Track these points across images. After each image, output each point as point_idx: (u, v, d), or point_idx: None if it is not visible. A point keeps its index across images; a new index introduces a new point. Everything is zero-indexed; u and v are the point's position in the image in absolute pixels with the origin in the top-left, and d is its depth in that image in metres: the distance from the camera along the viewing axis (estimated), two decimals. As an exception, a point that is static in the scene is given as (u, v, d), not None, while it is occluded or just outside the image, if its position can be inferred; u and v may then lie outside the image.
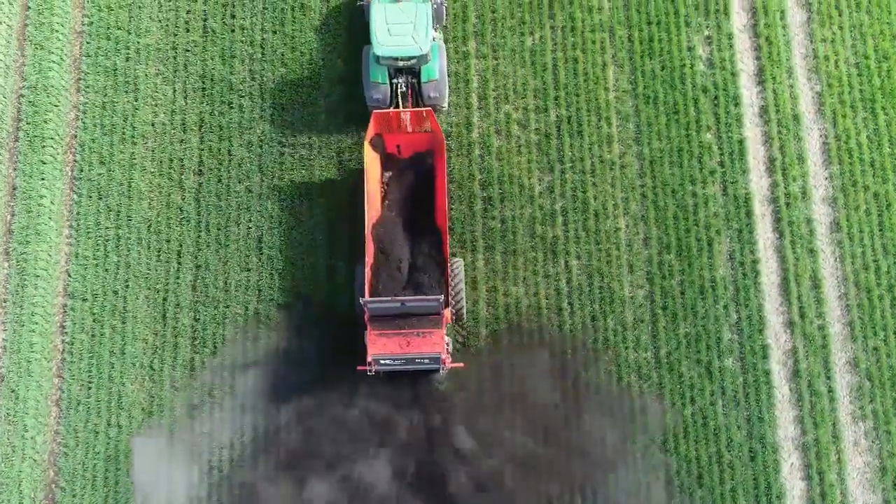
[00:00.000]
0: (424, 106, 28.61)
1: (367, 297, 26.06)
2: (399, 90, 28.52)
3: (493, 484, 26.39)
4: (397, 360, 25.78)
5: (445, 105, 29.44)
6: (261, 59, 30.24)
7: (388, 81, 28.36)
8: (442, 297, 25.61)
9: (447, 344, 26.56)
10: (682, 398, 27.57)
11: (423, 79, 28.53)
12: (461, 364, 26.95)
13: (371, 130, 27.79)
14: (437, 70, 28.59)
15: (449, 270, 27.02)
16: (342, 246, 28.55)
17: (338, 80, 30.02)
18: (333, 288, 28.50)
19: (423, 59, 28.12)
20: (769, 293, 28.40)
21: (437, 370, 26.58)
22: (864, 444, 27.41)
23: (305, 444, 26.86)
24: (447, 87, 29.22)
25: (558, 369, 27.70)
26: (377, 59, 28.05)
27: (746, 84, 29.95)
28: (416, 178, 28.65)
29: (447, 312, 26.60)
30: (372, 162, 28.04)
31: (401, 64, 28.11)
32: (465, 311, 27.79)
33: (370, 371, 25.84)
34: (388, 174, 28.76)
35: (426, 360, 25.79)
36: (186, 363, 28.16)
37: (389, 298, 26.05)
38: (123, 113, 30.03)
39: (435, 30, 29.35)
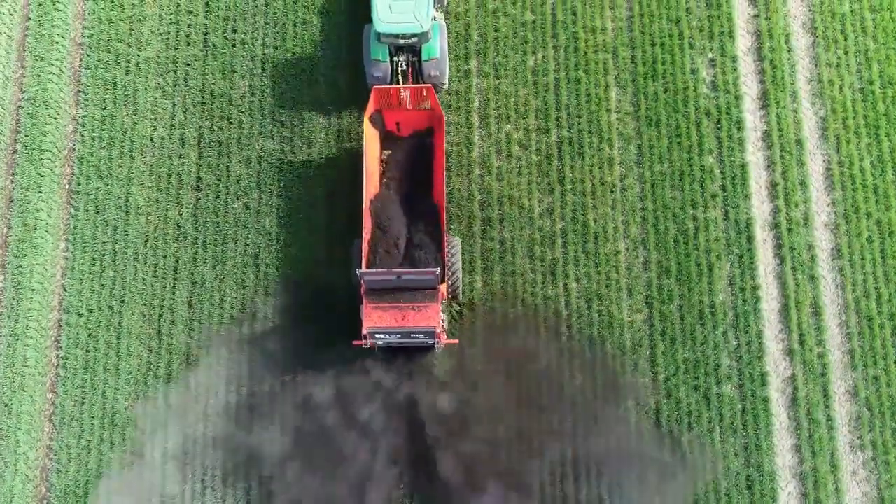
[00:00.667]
0: (425, 84, 28.58)
1: (363, 269, 26.03)
2: (399, 68, 28.55)
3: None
4: (392, 333, 25.68)
5: (446, 83, 29.42)
6: (261, 75, 30.09)
7: (388, 59, 28.36)
8: (438, 270, 25.60)
9: (443, 320, 26.54)
10: (679, 424, 27.34)
11: (424, 57, 28.54)
12: (456, 340, 27.05)
13: (371, 106, 27.80)
14: (437, 48, 28.60)
15: (446, 247, 27.00)
16: (341, 265, 28.25)
17: (339, 98, 29.84)
18: (332, 308, 28.16)
19: (423, 36, 28.09)
20: (769, 320, 28.18)
21: (433, 346, 26.59)
22: (862, 473, 27.17)
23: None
24: (447, 65, 29.19)
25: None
26: (378, 36, 28.05)
27: (750, 108, 29.73)
28: (414, 157, 28.66)
29: (443, 288, 26.60)
30: (371, 138, 28.03)
31: (401, 42, 28.10)
32: (461, 288, 27.76)
33: (365, 344, 25.75)
34: (387, 152, 28.77)
35: (421, 335, 25.72)
36: (180, 381, 27.96)
37: (385, 270, 26.04)
38: (122, 126, 29.89)
39: (436, 9, 29.30)
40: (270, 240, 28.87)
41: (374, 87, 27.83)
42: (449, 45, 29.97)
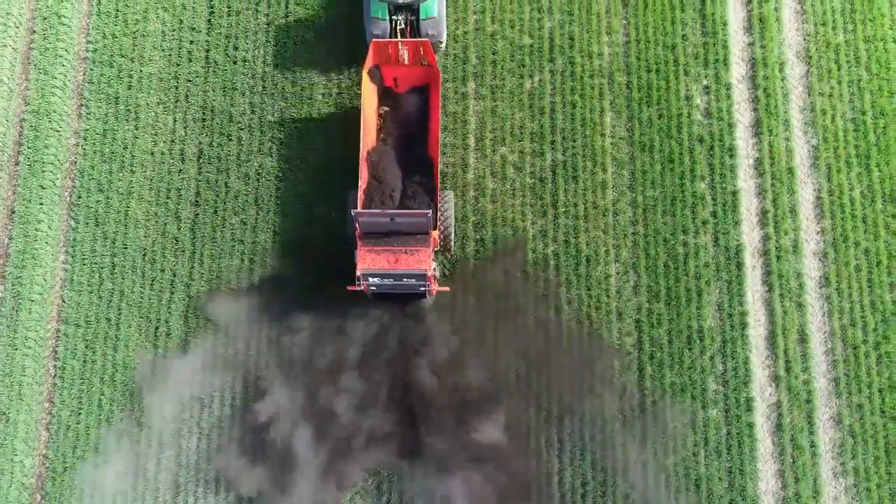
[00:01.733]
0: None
1: (358, 209, 26.84)
2: (398, 27, 29.28)
3: None
4: (385, 276, 26.46)
5: (443, 43, 30.13)
6: (261, 93, 30.52)
7: (388, 17, 29.09)
8: (430, 213, 26.36)
9: (434, 269, 27.26)
10: (664, 448, 27.75)
11: (422, 16, 29.27)
12: (447, 288, 27.86)
13: (370, 60, 28.56)
14: (435, 8, 29.31)
15: (438, 198, 27.81)
16: (336, 287, 28.53)
17: (337, 117, 30.22)
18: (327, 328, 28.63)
19: None
20: (756, 346, 28.57)
21: (424, 294, 27.34)
22: (844, 500, 27.57)
23: None
24: (445, 25, 29.92)
25: None
26: None
27: (742, 135, 30.09)
28: (411, 112, 29.37)
29: (435, 234, 27.38)
30: (369, 93, 28.83)
31: (400, 0, 28.83)
32: (453, 240, 28.59)
33: (359, 286, 26.47)
34: (385, 108, 29.48)
35: (413, 279, 26.47)
36: (175, 395, 28.45)
37: (380, 211, 26.77)
38: (123, 141, 30.34)
39: None
40: (266, 256, 29.30)
41: (373, 40, 28.53)
42: (447, 68, 30.38)
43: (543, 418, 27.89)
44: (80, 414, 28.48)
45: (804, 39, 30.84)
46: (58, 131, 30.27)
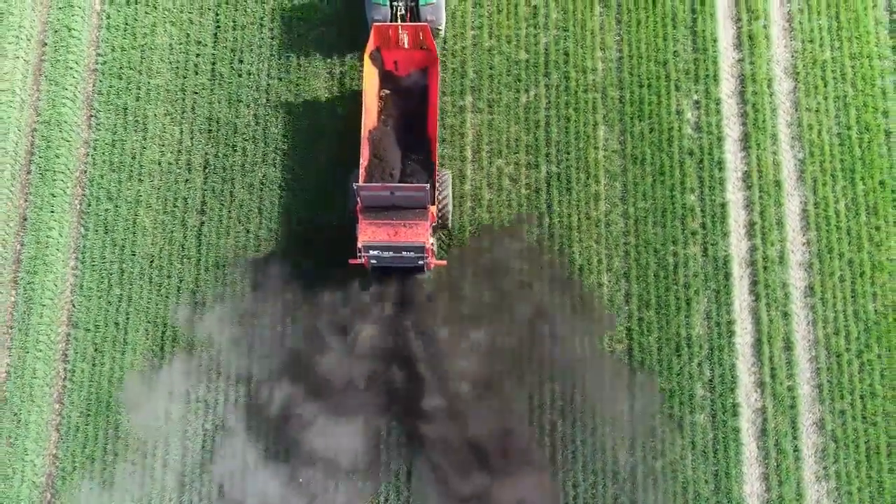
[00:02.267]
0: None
1: (360, 183, 27.92)
2: (398, 12, 30.46)
3: None
4: (385, 249, 27.54)
5: (442, 29, 31.35)
6: (266, 105, 31.48)
7: (388, 3, 30.25)
8: (428, 186, 27.52)
9: (432, 243, 28.46)
10: (653, 452, 28.74)
11: (421, 2, 30.47)
12: (444, 262, 29.06)
13: (371, 44, 29.81)
14: None
15: (436, 175, 29.01)
16: (336, 290, 29.62)
17: (339, 129, 31.15)
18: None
19: None
20: (742, 353, 29.55)
21: (422, 268, 28.49)
22: (826, 503, 28.56)
23: None
24: (444, 11, 31.07)
25: None
26: None
27: (731, 149, 31.04)
28: (411, 95, 30.54)
29: (433, 210, 28.49)
30: (371, 75, 30.07)
31: None
32: (450, 216, 29.75)
33: (360, 257, 27.56)
34: (385, 91, 30.70)
35: (411, 252, 27.57)
36: (181, 397, 29.45)
37: (380, 185, 27.86)
38: (132, 151, 31.32)
39: None
40: (269, 264, 30.22)
41: (374, 24, 29.67)
42: (445, 81, 31.31)
43: (536, 422, 28.91)
44: (88, 415, 29.46)
45: (792, 56, 31.78)
46: (68, 141, 31.23)
